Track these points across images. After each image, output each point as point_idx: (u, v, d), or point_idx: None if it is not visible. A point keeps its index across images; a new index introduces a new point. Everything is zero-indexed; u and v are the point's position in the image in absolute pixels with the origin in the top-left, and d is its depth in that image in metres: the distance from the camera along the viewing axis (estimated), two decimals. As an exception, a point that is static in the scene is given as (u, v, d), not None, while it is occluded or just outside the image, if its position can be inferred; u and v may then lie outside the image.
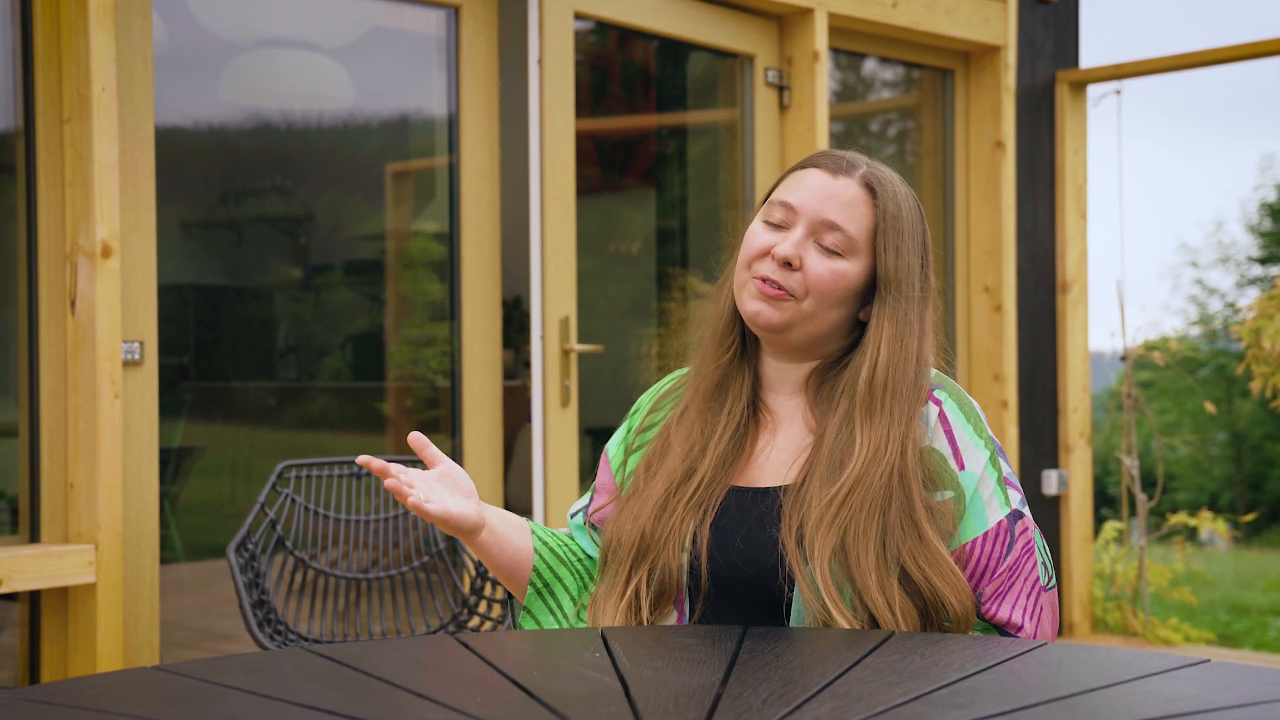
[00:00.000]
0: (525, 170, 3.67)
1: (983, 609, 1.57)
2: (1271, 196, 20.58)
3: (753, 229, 1.65)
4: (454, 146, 3.71)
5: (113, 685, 1.25)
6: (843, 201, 1.61)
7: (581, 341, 3.72)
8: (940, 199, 4.95)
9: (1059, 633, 4.72)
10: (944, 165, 4.95)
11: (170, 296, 3.75)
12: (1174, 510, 5.04)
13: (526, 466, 4.41)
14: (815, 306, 1.60)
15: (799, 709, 1.12)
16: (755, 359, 1.71)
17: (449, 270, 3.76)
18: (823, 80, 4.21)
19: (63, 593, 2.88)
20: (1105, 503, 11.27)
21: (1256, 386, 4.36)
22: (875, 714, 1.10)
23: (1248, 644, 5.78)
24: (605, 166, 4.51)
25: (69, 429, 2.87)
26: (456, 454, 3.70)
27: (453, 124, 3.72)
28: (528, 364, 4.83)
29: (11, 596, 3.03)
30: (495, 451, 3.73)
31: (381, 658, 1.33)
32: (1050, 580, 1.61)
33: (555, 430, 3.59)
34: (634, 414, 1.80)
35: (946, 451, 1.59)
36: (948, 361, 1.74)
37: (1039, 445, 5.00)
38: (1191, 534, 5.98)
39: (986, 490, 1.58)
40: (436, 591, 3.00)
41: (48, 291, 2.89)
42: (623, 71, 4.42)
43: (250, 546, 2.67)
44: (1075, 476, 5.04)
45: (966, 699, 1.15)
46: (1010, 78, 4.81)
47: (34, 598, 2.93)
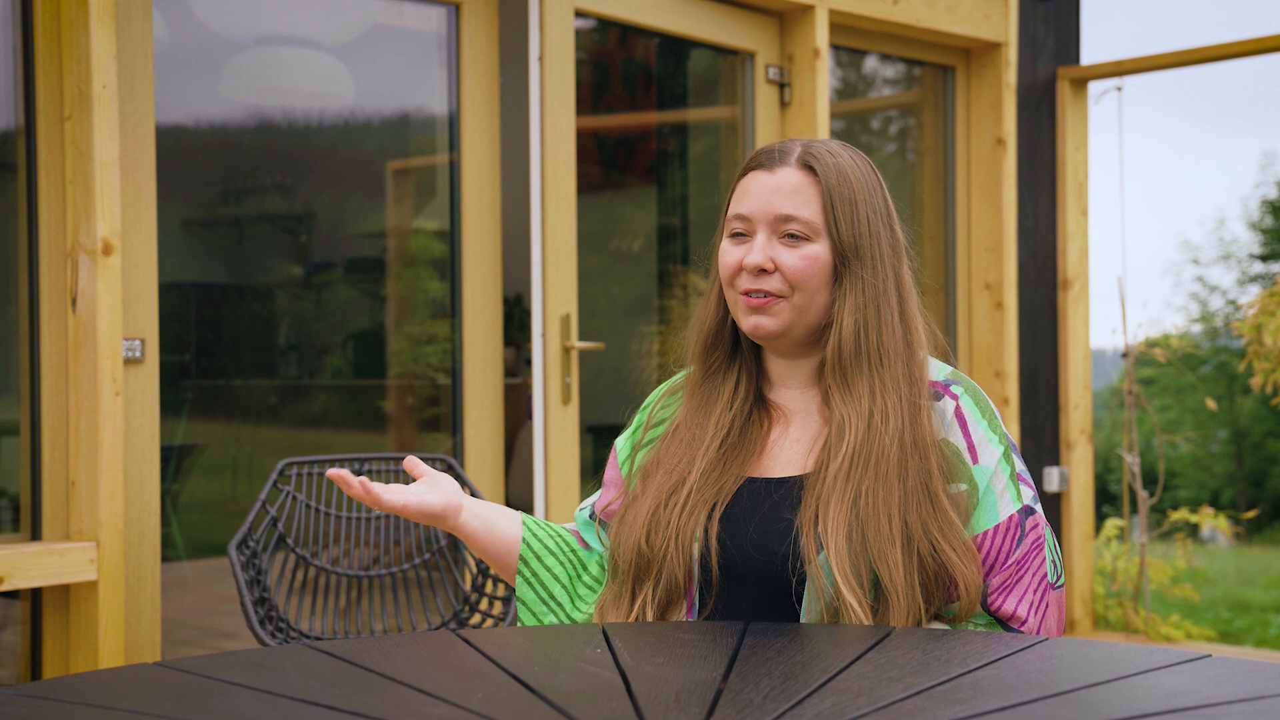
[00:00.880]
0: (526, 168, 3.66)
1: (989, 601, 1.57)
2: (1273, 193, 20.57)
3: (722, 247, 1.68)
4: (455, 144, 3.71)
5: (114, 681, 1.25)
6: (788, 191, 1.63)
7: (583, 339, 3.72)
8: (941, 196, 4.95)
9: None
10: (945, 162, 4.95)
11: (171, 294, 3.75)
12: (1175, 507, 5.04)
13: (528, 464, 4.41)
14: (804, 298, 1.62)
15: (800, 704, 1.12)
16: (754, 361, 1.72)
17: (450, 268, 3.76)
18: (823, 77, 4.21)
19: (64, 590, 2.88)
20: (1106, 500, 11.27)
21: (1258, 383, 4.36)
22: (877, 709, 1.10)
23: (1249, 641, 5.78)
24: (606, 164, 4.51)
25: (70, 427, 2.87)
26: (457, 451, 3.70)
27: (454, 121, 3.72)
28: (529, 361, 4.83)
29: (13, 594, 3.03)
30: (496, 449, 3.73)
31: (383, 653, 1.33)
32: (1059, 578, 1.62)
33: (556, 428, 3.59)
34: (644, 409, 1.81)
35: (961, 445, 1.60)
36: (949, 359, 1.74)
37: (1040, 442, 4.99)
38: (1193, 531, 5.98)
39: (999, 484, 1.59)
40: (438, 589, 3.00)
41: (49, 289, 2.89)
42: (623, 69, 4.42)
43: (251, 544, 2.67)
44: (1076, 473, 5.04)
45: (968, 694, 1.15)
46: (1011, 74, 4.81)
47: (35, 595, 2.93)
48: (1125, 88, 4.99)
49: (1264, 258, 20.55)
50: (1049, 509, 4.98)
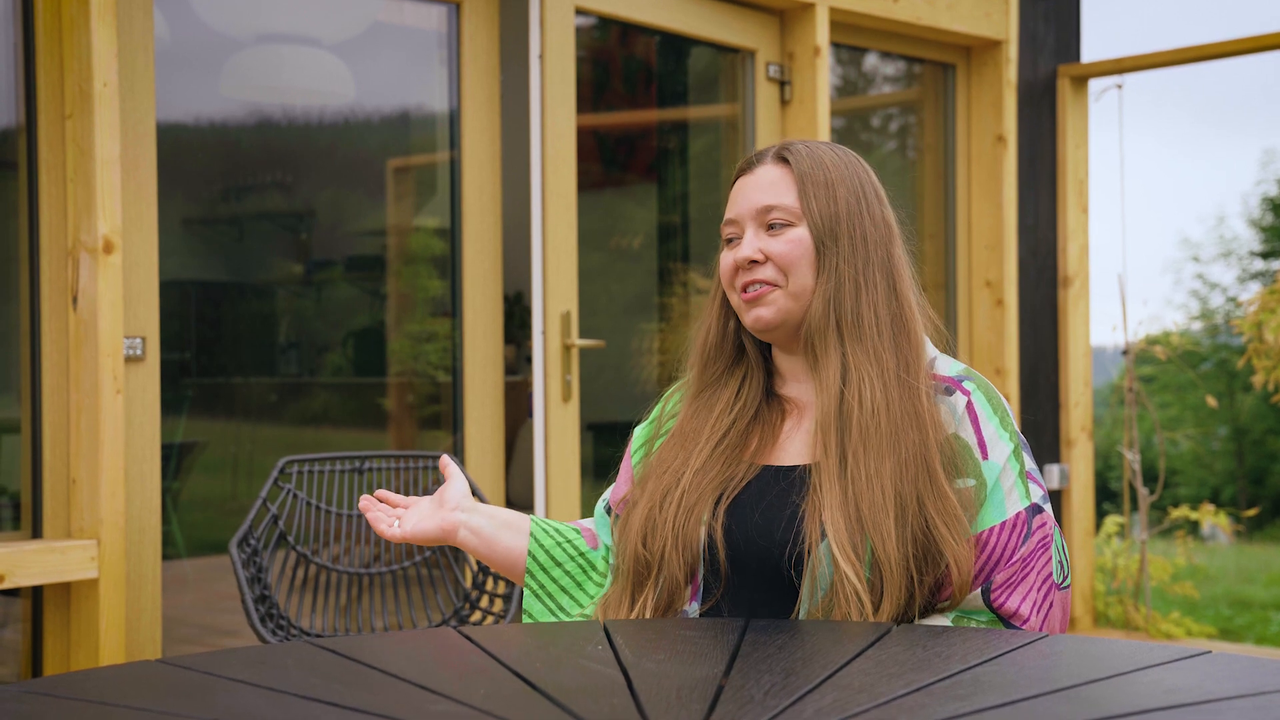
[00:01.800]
0: (526, 166, 3.67)
1: (992, 598, 1.57)
2: (1273, 191, 20.57)
3: (721, 256, 1.72)
4: (455, 142, 3.71)
5: (117, 678, 1.25)
6: (765, 185, 1.68)
7: (583, 337, 3.72)
8: (942, 194, 4.95)
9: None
10: (945, 160, 4.95)
11: (172, 292, 3.76)
12: (1176, 505, 5.04)
13: (528, 462, 4.41)
14: (797, 283, 1.65)
15: (801, 700, 1.12)
16: (762, 362, 1.75)
17: (450, 266, 3.76)
18: (824, 75, 4.21)
19: (65, 588, 2.88)
20: (1107, 497, 11.27)
21: (1258, 381, 4.36)
22: (877, 705, 1.10)
23: (1249, 638, 5.79)
24: (607, 162, 4.51)
25: (71, 425, 2.88)
26: (458, 449, 3.70)
27: (454, 119, 3.72)
28: (529, 359, 4.83)
29: (14, 592, 3.03)
30: (496, 447, 3.74)
31: (385, 650, 1.33)
32: (1065, 579, 1.62)
33: (557, 425, 3.59)
34: (664, 401, 1.82)
35: (972, 441, 1.60)
36: (949, 345, 1.75)
37: (1041, 440, 5.00)
38: (1193, 528, 5.98)
39: (1008, 481, 1.59)
40: (439, 586, 3.00)
41: (49, 287, 2.89)
42: (624, 67, 4.42)
43: (252, 542, 2.67)
44: (1077, 471, 5.04)
45: (968, 690, 1.15)
46: (1011, 72, 4.81)
47: (36, 593, 2.94)
48: (1126, 85, 4.99)
49: (1264, 255, 20.55)
50: (1050, 505, 4.98)
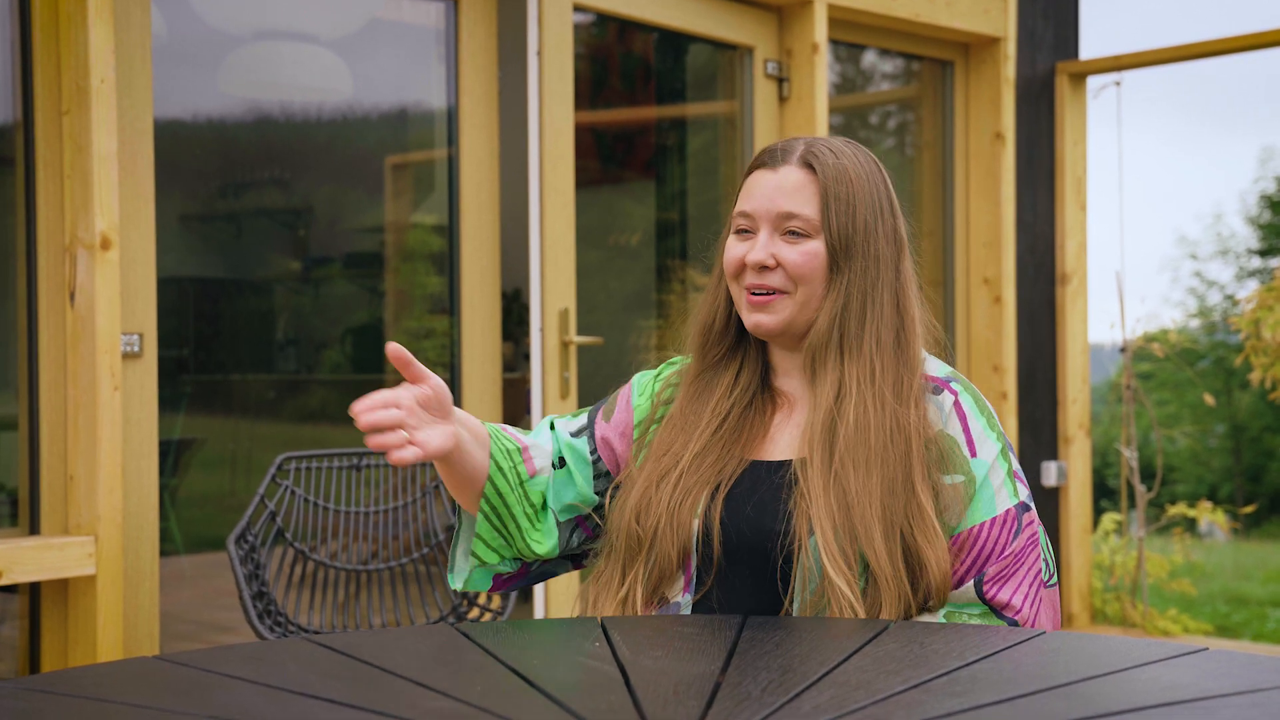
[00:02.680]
0: (524, 163, 3.66)
1: (984, 591, 1.58)
2: (1271, 189, 20.58)
3: (728, 243, 1.71)
4: (453, 139, 3.71)
5: (114, 675, 1.25)
6: (789, 190, 1.66)
7: (581, 334, 3.72)
8: (940, 191, 4.95)
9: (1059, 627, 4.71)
10: (943, 157, 4.95)
11: (169, 289, 3.75)
12: (1173, 502, 5.04)
13: (526, 459, 4.40)
14: (806, 293, 1.65)
15: (798, 697, 1.12)
16: (759, 351, 1.75)
17: (448, 263, 3.76)
18: (822, 72, 4.21)
19: (62, 585, 2.88)
20: (1104, 494, 11.28)
21: (1256, 377, 4.36)
22: (874, 702, 1.10)
23: (1246, 635, 5.79)
24: (605, 159, 4.51)
25: (68, 421, 2.87)
26: (456, 446, 3.70)
27: (452, 116, 3.71)
28: (527, 356, 4.83)
29: (11, 589, 3.03)
30: (495, 444, 3.73)
31: (381, 647, 1.33)
32: (1052, 577, 1.63)
33: (555, 422, 3.58)
34: (670, 365, 1.81)
35: (960, 438, 1.62)
36: (946, 353, 1.76)
37: (1038, 437, 5.00)
38: (1190, 525, 5.98)
39: (997, 479, 1.61)
40: (436, 583, 3.00)
41: (47, 284, 2.89)
42: (622, 64, 4.42)
43: (250, 538, 2.67)
44: (1074, 468, 5.04)
45: (965, 687, 1.15)
46: (1010, 69, 4.80)
47: (34, 590, 2.93)
48: (1124, 83, 4.99)
49: (1262, 253, 20.56)
50: (1047, 503, 4.98)
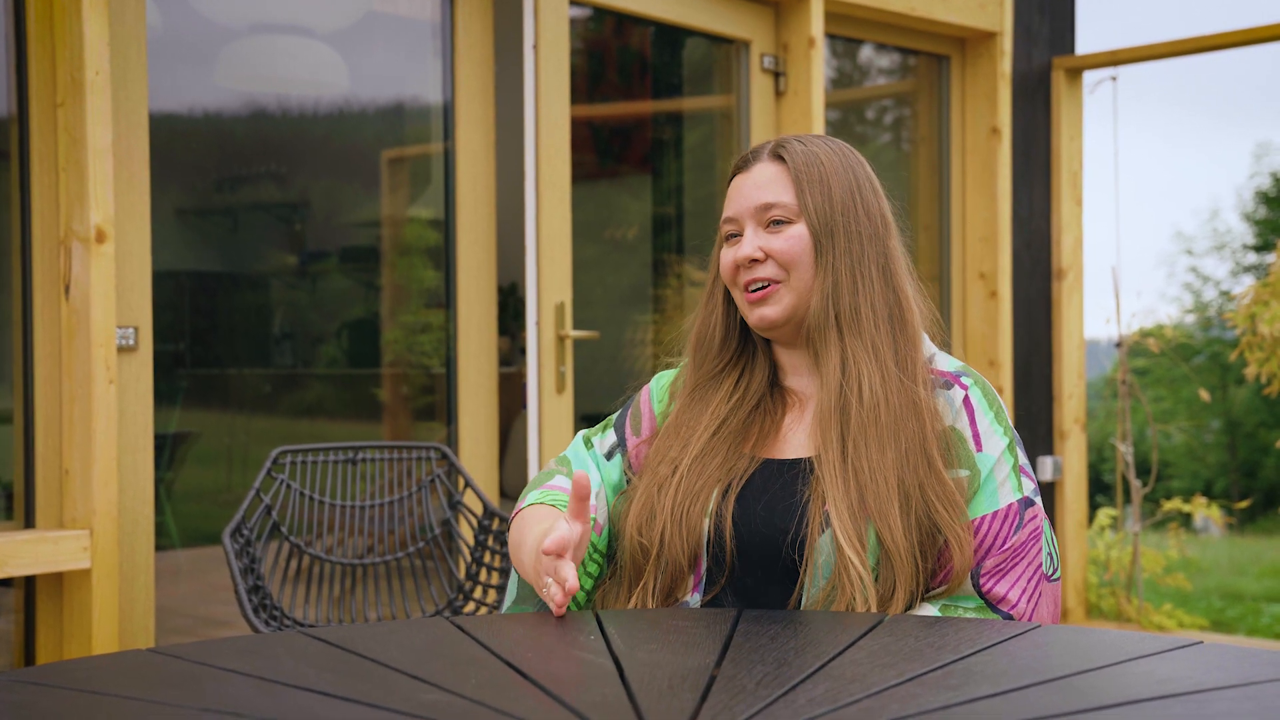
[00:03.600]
0: (521, 157, 3.66)
1: (981, 584, 1.58)
2: (1267, 184, 20.59)
3: (721, 253, 1.73)
4: (449, 133, 3.70)
5: (108, 667, 1.25)
6: (763, 183, 1.69)
7: (577, 328, 3.72)
8: (936, 185, 4.95)
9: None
10: (940, 152, 4.94)
11: (165, 283, 3.75)
12: (1168, 497, 5.05)
13: (522, 453, 4.41)
14: (799, 279, 1.66)
15: (793, 690, 1.12)
16: (766, 356, 1.75)
17: (444, 257, 3.76)
18: (819, 67, 4.20)
19: (58, 578, 2.88)
20: (1100, 489, 11.29)
21: (1251, 373, 4.36)
22: (869, 695, 1.10)
23: (1241, 630, 5.80)
24: (601, 153, 4.51)
25: (64, 415, 2.87)
26: (451, 441, 3.70)
27: (448, 110, 3.71)
28: (523, 350, 4.83)
29: (6, 582, 3.03)
30: (490, 438, 3.73)
31: (377, 640, 1.33)
32: (1055, 571, 1.64)
33: (551, 417, 3.59)
34: (675, 379, 1.82)
35: (967, 433, 1.62)
36: (943, 333, 1.77)
37: (1034, 432, 5.00)
38: (1186, 520, 5.99)
39: (1001, 473, 1.61)
40: (432, 578, 3.00)
41: (42, 277, 2.88)
42: (619, 58, 4.41)
43: (246, 532, 2.67)
44: (1070, 463, 5.05)
45: (960, 680, 1.15)
46: (1006, 64, 4.80)
47: (29, 583, 2.93)
48: (1120, 78, 4.99)
49: (1257, 248, 20.56)
50: (1043, 498, 4.99)
